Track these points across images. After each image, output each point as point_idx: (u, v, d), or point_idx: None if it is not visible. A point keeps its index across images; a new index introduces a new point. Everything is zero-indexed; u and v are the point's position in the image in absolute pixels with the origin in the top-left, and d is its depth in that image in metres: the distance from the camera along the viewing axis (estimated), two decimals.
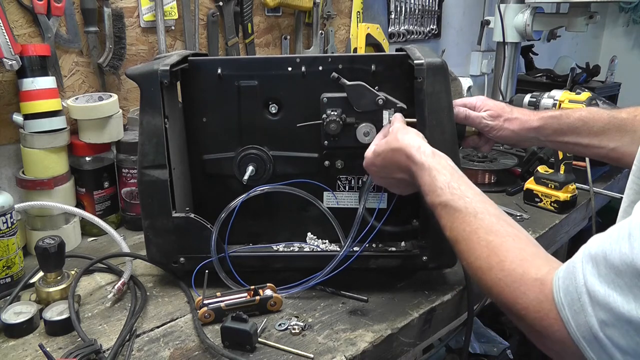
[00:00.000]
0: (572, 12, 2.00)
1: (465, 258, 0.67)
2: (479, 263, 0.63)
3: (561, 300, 0.52)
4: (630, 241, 0.48)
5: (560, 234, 1.34)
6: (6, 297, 0.93)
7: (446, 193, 0.71)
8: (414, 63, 0.90)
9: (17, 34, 1.13)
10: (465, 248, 0.66)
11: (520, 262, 0.59)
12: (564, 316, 0.52)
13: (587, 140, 0.94)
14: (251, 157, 1.00)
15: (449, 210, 0.70)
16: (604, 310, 0.49)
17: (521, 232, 0.65)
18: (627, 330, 0.47)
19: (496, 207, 0.69)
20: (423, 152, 0.77)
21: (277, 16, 1.63)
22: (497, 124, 0.98)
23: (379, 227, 0.96)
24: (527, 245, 0.62)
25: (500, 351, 1.74)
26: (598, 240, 0.52)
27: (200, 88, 0.99)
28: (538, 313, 0.55)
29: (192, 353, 0.80)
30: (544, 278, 0.55)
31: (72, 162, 1.20)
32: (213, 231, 0.93)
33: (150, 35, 1.37)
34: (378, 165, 0.86)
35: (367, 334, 0.84)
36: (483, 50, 2.46)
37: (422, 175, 0.76)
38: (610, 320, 0.48)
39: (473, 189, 0.72)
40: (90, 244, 1.19)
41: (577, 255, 0.54)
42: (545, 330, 0.54)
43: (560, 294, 0.52)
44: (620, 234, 0.50)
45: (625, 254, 0.48)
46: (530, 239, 0.64)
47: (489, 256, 0.62)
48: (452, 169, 0.75)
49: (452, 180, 0.73)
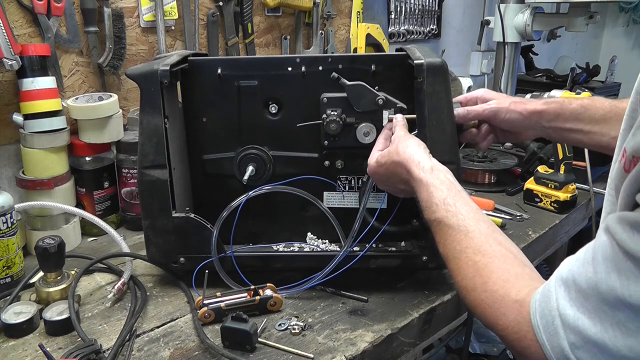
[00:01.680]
0: (572, 12, 2.00)
1: (454, 276, 0.69)
2: (464, 283, 0.65)
3: (537, 322, 0.54)
4: (594, 265, 0.50)
5: (560, 234, 1.34)
6: (6, 297, 0.93)
7: (441, 210, 0.72)
8: (414, 63, 0.90)
9: (17, 34, 1.13)
10: (454, 267, 0.68)
11: (502, 283, 0.61)
12: (539, 338, 0.53)
13: (589, 127, 0.94)
14: (251, 157, 1.00)
15: (442, 227, 0.72)
16: (573, 333, 0.50)
17: (510, 251, 0.66)
18: (595, 353, 0.49)
19: (490, 225, 0.70)
20: (422, 168, 0.78)
21: (277, 16, 1.63)
22: (503, 107, 0.99)
23: (384, 228, 0.96)
24: (512, 266, 0.63)
25: (500, 351, 1.74)
26: (569, 264, 0.54)
27: (200, 88, 0.99)
28: (517, 334, 0.56)
29: (192, 353, 0.80)
30: (523, 300, 0.57)
31: (72, 162, 1.20)
32: (213, 231, 0.93)
33: (150, 35, 1.37)
34: (381, 175, 0.87)
35: (367, 334, 0.84)
36: (483, 50, 2.46)
37: (420, 190, 0.77)
38: (580, 342, 0.50)
39: (469, 206, 0.72)
40: (90, 244, 1.19)
41: (552, 279, 0.55)
42: (524, 351, 0.56)
43: (537, 317, 0.54)
44: (585, 258, 0.52)
45: (590, 278, 0.50)
46: (517, 259, 0.65)
47: (474, 277, 0.64)
48: (450, 184, 0.76)
49: (449, 196, 0.73)
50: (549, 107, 0.97)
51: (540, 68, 2.53)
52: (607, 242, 0.50)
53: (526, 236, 1.22)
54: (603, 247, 0.50)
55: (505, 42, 2.03)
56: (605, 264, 0.49)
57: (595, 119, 0.93)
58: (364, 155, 0.92)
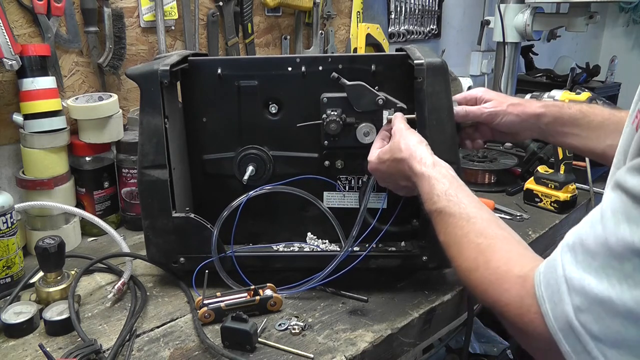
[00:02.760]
0: (572, 12, 2.00)
1: (455, 260, 0.68)
2: (466, 264, 0.65)
3: (542, 294, 0.52)
4: (603, 222, 0.49)
5: (560, 234, 1.34)
6: (6, 297, 0.93)
7: (442, 200, 0.72)
8: (414, 63, 0.90)
9: (17, 34, 1.13)
10: (455, 251, 0.68)
11: (505, 260, 0.60)
12: (544, 310, 0.52)
13: (585, 133, 0.94)
14: (251, 157, 1.00)
15: (443, 216, 0.72)
16: (579, 295, 0.49)
17: (512, 235, 0.66)
18: (599, 313, 0.47)
19: (492, 214, 0.70)
20: (424, 164, 0.79)
21: (277, 16, 1.63)
22: (501, 110, 0.99)
23: (386, 229, 0.96)
24: (515, 247, 0.63)
25: (500, 351, 1.74)
26: (574, 231, 0.53)
27: (200, 88, 0.99)
28: (519, 309, 0.55)
29: (192, 353, 0.80)
30: (527, 275, 0.56)
31: (72, 162, 1.20)
32: (214, 231, 0.93)
33: (150, 35, 1.37)
34: (383, 171, 0.87)
35: (367, 334, 0.84)
36: (483, 50, 2.46)
37: (421, 184, 0.78)
38: (584, 304, 0.48)
39: (470, 197, 0.72)
40: (90, 244, 1.19)
41: (557, 250, 0.54)
42: (525, 326, 0.55)
43: (542, 288, 0.53)
44: (593, 219, 0.51)
45: (599, 236, 0.49)
46: (520, 242, 0.65)
47: (477, 257, 0.63)
48: (451, 177, 0.76)
49: (450, 188, 0.74)
50: (547, 110, 0.97)
51: (540, 68, 2.53)
52: (615, 197, 0.49)
53: (526, 236, 1.22)
54: (612, 202, 0.49)
55: (505, 42, 2.03)
56: (614, 218, 0.48)
57: (593, 126, 0.94)
58: (364, 155, 0.91)
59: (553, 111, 0.97)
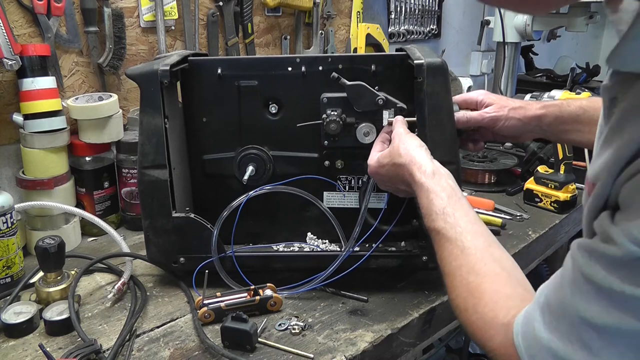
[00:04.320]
0: (572, 12, 2.00)
1: (448, 292, 0.70)
2: (457, 302, 0.67)
3: (520, 344, 0.55)
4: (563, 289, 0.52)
5: (560, 234, 1.34)
6: (6, 297, 0.92)
7: (440, 219, 0.73)
8: (414, 63, 0.90)
9: (17, 34, 1.13)
10: (449, 282, 0.70)
11: (492, 305, 0.62)
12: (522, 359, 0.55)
13: (587, 128, 0.95)
14: (251, 157, 1.00)
15: (440, 239, 0.72)
16: (549, 354, 0.52)
17: (504, 268, 0.66)
18: None
19: (487, 238, 0.70)
20: (424, 172, 0.78)
21: (277, 16, 1.63)
22: (502, 114, 0.99)
23: (390, 230, 0.96)
24: (504, 287, 0.64)
25: None
26: (544, 289, 0.56)
27: (200, 88, 0.99)
28: (503, 356, 0.58)
29: (192, 353, 0.80)
30: (509, 322, 0.58)
31: (72, 162, 1.20)
32: (214, 231, 0.93)
33: (150, 35, 1.37)
34: (383, 175, 0.87)
35: (367, 334, 0.84)
36: (483, 50, 2.46)
37: (420, 196, 0.77)
38: None
39: (468, 216, 0.72)
40: (90, 244, 1.19)
41: (533, 302, 0.57)
42: None
43: (519, 339, 0.56)
44: (555, 283, 0.54)
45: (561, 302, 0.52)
46: (510, 277, 0.66)
47: (467, 297, 0.65)
48: (451, 190, 0.76)
49: (448, 205, 0.73)
50: (547, 110, 0.97)
51: (540, 68, 2.53)
52: (570, 267, 0.52)
53: (526, 236, 1.22)
54: (568, 272, 0.52)
55: (505, 42, 2.04)
56: (570, 288, 0.51)
57: (594, 120, 0.94)
58: (364, 155, 0.91)
59: (553, 111, 0.97)
